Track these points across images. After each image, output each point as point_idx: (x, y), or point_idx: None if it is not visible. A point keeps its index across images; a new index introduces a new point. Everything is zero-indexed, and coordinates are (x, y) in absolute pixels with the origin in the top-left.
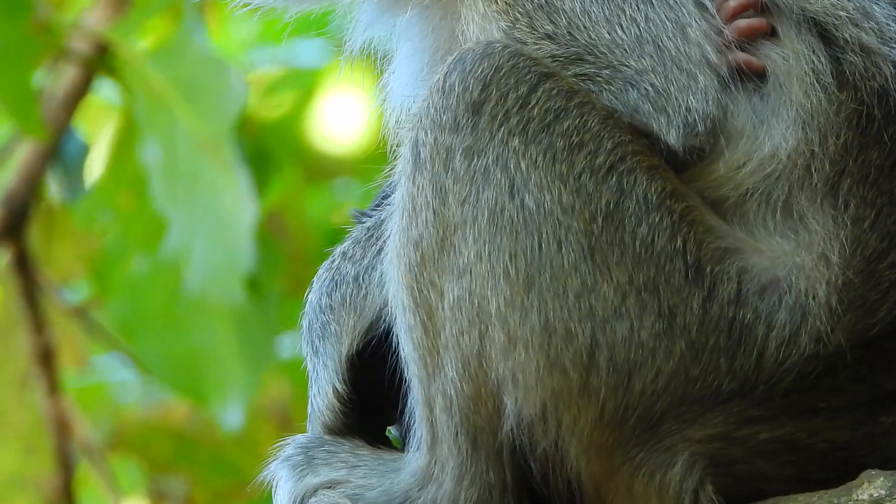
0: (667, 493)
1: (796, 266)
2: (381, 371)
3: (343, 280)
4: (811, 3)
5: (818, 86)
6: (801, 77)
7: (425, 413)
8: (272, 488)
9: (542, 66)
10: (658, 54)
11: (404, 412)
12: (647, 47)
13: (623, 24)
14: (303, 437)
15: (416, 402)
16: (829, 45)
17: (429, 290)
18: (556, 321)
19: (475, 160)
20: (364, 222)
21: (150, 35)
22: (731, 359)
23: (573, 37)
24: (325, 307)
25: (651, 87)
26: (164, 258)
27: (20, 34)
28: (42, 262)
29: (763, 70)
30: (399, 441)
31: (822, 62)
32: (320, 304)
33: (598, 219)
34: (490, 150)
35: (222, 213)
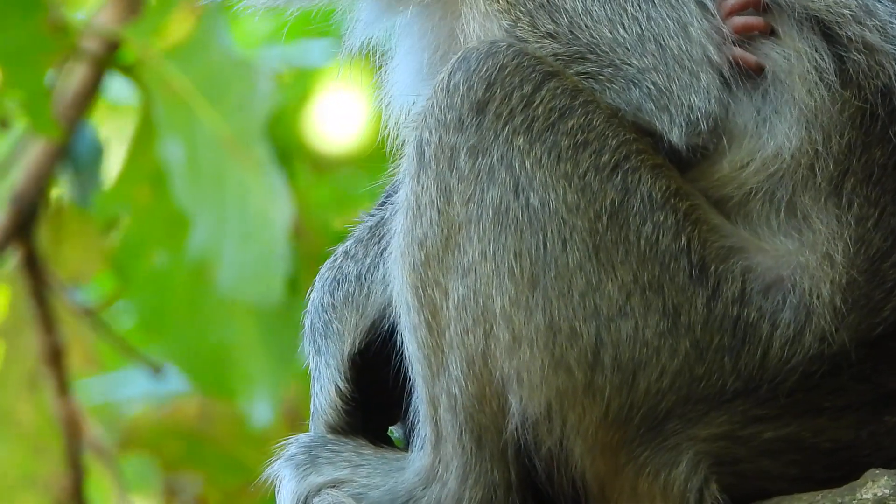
0: (671, 492)
1: (800, 265)
2: (385, 370)
3: (345, 279)
4: (813, 2)
5: (821, 84)
6: (803, 76)
7: (429, 412)
8: (276, 487)
9: (546, 65)
10: (660, 53)
11: (408, 411)
12: (649, 46)
13: (625, 22)
14: (306, 437)
15: (420, 401)
16: (832, 44)
17: (433, 289)
18: (560, 320)
19: (480, 159)
20: (367, 221)
21: (168, 34)
22: (735, 358)
23: (575, 36)
24: (328, 306)
25: (653, 85)
26: (188, 256)
27: (34, 33)
28: (51, 261)
29: (759, 66)
30: (402, 441)
31: (825, 60)
32: (322, 302)
33: (602, 217)
34: (495, 149)
35: (253, 214)
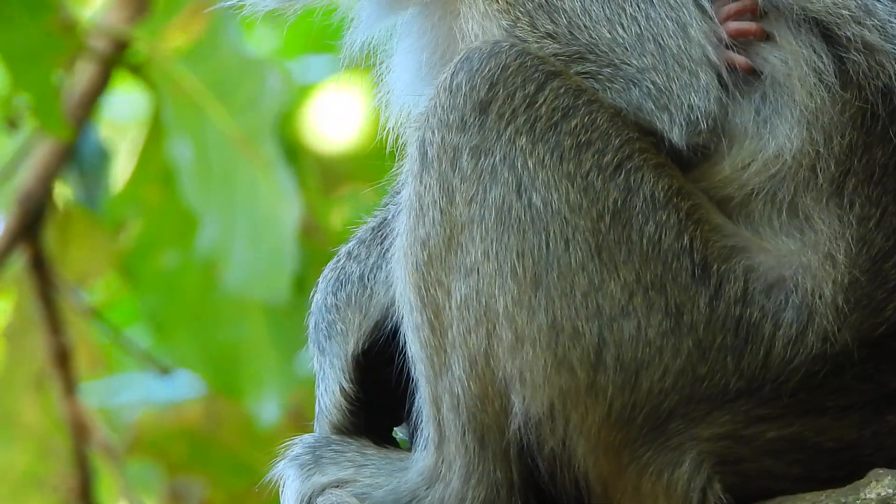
0: (675, 492)
1: (802, 265)
2: (388, 370)
3: (348, 279)
4: (812, 3)
5: (821, 86)
6: (802, 78)
7: (432, 412)
8: (280, 488)
9: (549, 65)
10: (659, 52)
11: (411, 411)
12: (649, 45)
13: (624, 22)
14: (310, 437)
15: (423, 401)
16: (832, 45)
17: (436, 289)
18: (563, 320)
19: (482, 159)
20: (369, 221)
21: (178, 34)
22: (738, 357)
23: (574, 36)
24: (331, 306)
25: (652, 85)
26: (197, 255)
27: (43, 33)
28: (58, 262)
29: (750, 68)
30: (406, 442)
31: (825, 62)
32: (326, 303)
33: (605, 217)
34: (497, 149)
35: (262, 213)
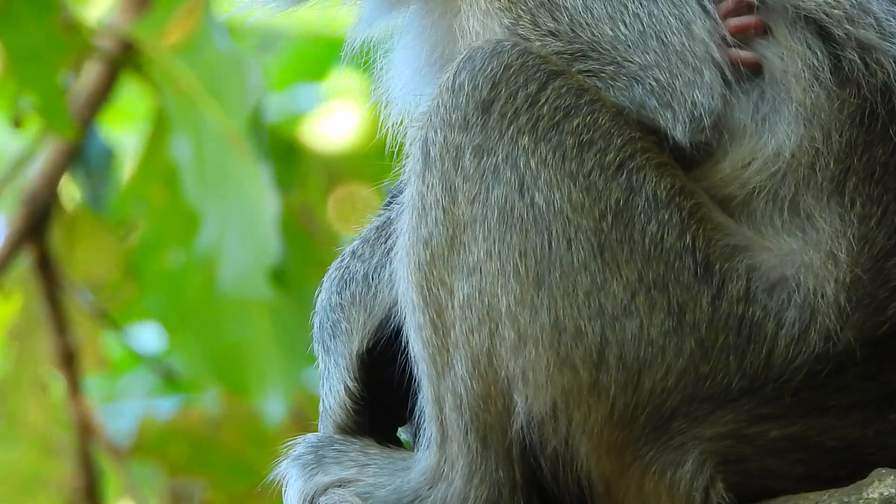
0: (677, 492)
1: (804, 264)
2: (391, 370)
3: (352, 279)
4: (804, 1)
5: (816, 83)
6: (797, 74)
7: (435, 411)
8: (283, 487)
9: (551, 65)
10: (662, 49)
11: (413, 411)
12: (651, 42)
13: (626, 20)
14: (313, 437)
15: (425, 401)
16: (827, 43)
17: (438, 289)
18: (565, 319)
19: (485, 158)
20: (373, 221)
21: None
22: (740, 356)
23: (576, 34)
24: (336, 306)
25: (656, 82)
26: (198, 253)
27: (47, 33)
28: (64, 263)
29: (757, 64)
30: (410, 443)
31: (820, 59)
32: (330, 302)
33: (607, 216)
34: (500, 149)
35: (249, 208)
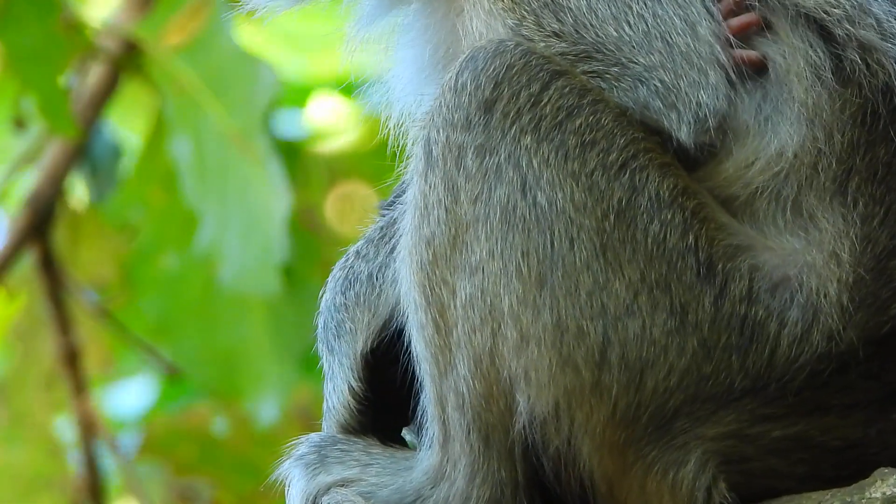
0: (680, 491)
1: (807, 264)
2: (393, 369)
3: (357, 279)
4: (803, 0)
5: (818, 82)
6: (799, 74)
7: (437, 411)
8: (285, 487)
9: (554, 65)
10: (667, 50)
11: (416, 411)
12: (656, 43)
13: (630, 20)
14: (316, 436)
15: (428, 401)
16: (828, 42)
17: (441, 288)
18: (568, 319)
19: (487, 158)
20: (378, 221)
21: (178, 31)
22: (743, 356)
23: (580, 35)
24: (340, 306)
25: (660, 83)
26: (197, 254)
27: (49, 33)
28: (68, 262)
29: (761, 63)
30: (415, 444)
31: (821, 58)
32: (335, 302)
33: (610, 216)
34: (502, 148)
35: (255, 207)
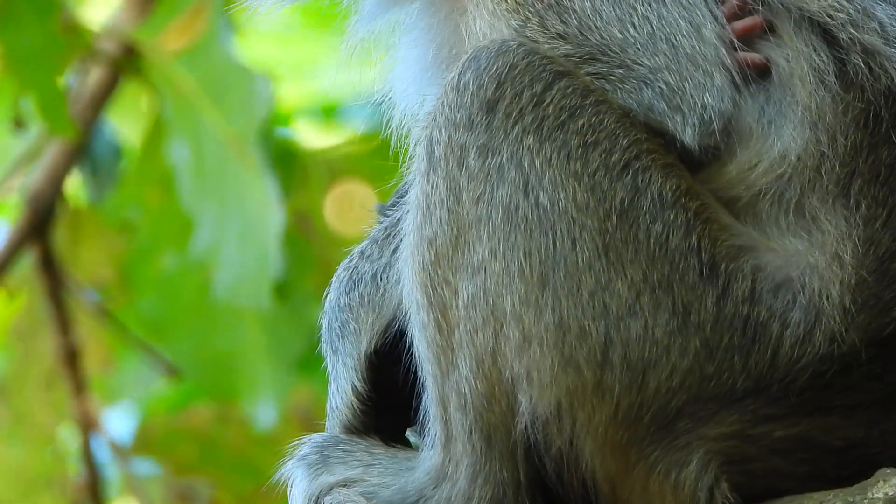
0: (682, 492)
1: (809, 266)
2: (396, 370)
3: (361, 279)
4: (808, 4)
5: (822, 86)
6: (803, 77)
7: (439, 411)
8: (288, 487)
9: (557, 65)
10: (672, 52)
11: (418, 411)
12: (661, 45)
13: (635, 22)
14: (319, 437)
15: (430, 401)
16: (832, 46)
17: (443, 288)
18: (570, 319)
19: (489, 158)
20: (382, 221)
21: (177, 36)
22: (745, 357)
23: (585, 36)
24: (344, 306)
25: (665, 85)
26: (192, 258)
27: (47, 34)
28: (68, 262)
29: (766, 66)
30: (419, 445)
31: (825, 62)
32: (339, 303)
33: (612, 216)
34: (504, 148)
35: (250, 216)
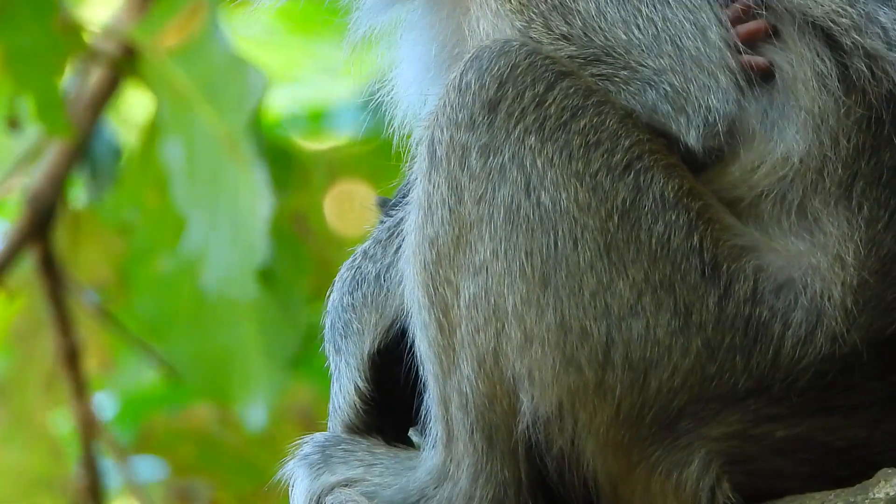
0: (684, 492)
1: (811, 267)
2: (398, 369)
3: (364, 279)
4: (811, 8)
5: (824, 90)
6: (806, 82)
7: (441, 411)
8: (290, 487)
9: (559, 65)
10: (677, 53)
11: (419, 410)
12: (666, 47)
13: (640, 24)
14: (321, 436)
15: (431, 400)
16: (835, 51)
17: (444, 288)
18: (571, 319)
19: (491, 158)
20: (385, 221)
21: (174, 34)
22: (747, 357)
23: (589, 38)
24: (347, 306)
25: (670, 86)
26: (184, 257)
27: (46, 34)
28: (68, 263)
29: (770, 70)
30: (422, 445)
31: (828, 66)
32: (342, 302)
33: (613, 216)
34: (506, 148)
35: (241, 211)
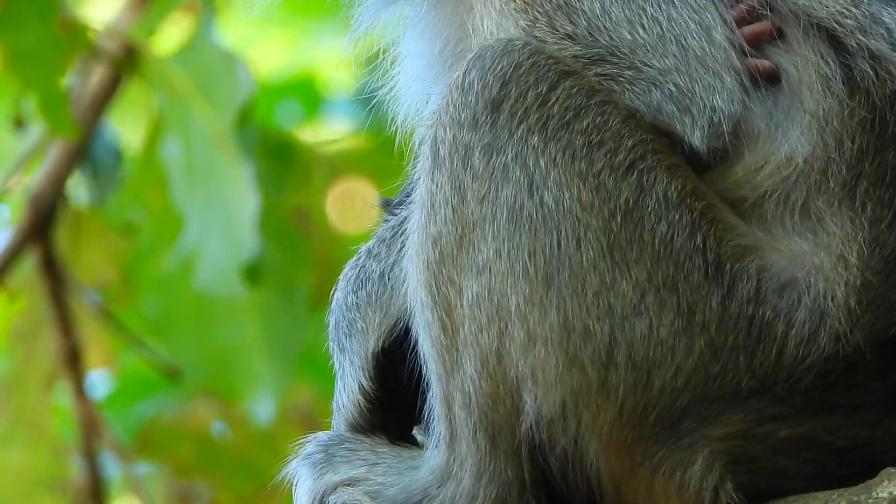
0: (687, 491)
1: (815, 267)
2: (401, 368)
3: (368, 278)
4: (816, 10)
5: (829, 93)
6: (811, 85)
7: (444, 410)
8: (293, 486)
9: (562, 65)
10: (682, 53)
11: (422, 410)
12: (671, 47)
13: (645, 23)
14: (324, 435)
15: (434, 400)
16: (839, 52)
17: (447, 288)
18: (574, 319)
19: (494, 157)
20: (389, 220)
21: (172, 31)
22: (750, 356)
23: (594, 38)
24: (352, 305)
25: (675, 86)
26: (181, 255)
27: (48, 34)
28: (69, 263)
29: (775, 73)
30: (426, 444)
31: (832, 69)
32: (346, 302)
33: (617, 216)
34: (509, 148)
35: (232, 208)
